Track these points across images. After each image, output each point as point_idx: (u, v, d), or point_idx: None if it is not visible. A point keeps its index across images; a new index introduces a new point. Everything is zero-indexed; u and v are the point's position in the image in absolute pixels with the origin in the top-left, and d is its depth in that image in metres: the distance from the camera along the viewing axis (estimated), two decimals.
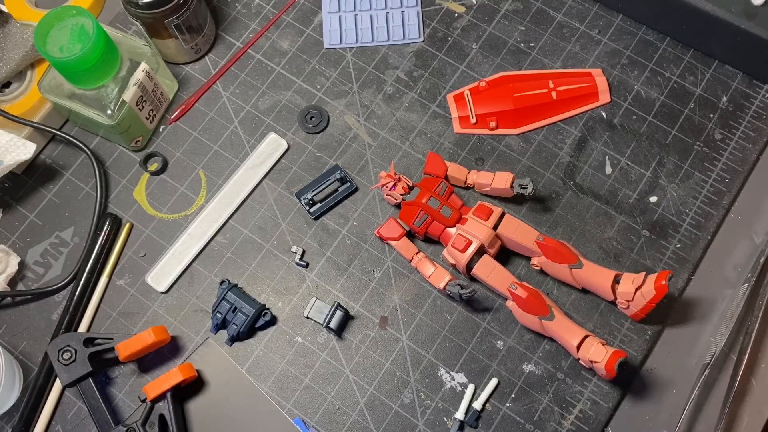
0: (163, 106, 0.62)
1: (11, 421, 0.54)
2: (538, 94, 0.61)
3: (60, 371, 0.53)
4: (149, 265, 0.59)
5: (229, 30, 0.66)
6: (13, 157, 0.57)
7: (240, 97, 0.63)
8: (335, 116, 0.62)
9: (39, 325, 0.57)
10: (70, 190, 0.61)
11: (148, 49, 0.59)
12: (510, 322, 0.55)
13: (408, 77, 0.63)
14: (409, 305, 0.57)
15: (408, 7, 0.65)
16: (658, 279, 0.50)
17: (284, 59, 0.65)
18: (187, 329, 0.57)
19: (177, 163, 0.62)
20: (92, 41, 0.52)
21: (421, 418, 0.54)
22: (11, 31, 0.59)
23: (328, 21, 0.65)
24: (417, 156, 0.61)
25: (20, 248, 0.60)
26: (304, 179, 0.61)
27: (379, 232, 0.56)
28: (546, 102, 0.60)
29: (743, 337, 0.53)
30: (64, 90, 0.57)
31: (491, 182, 0.56)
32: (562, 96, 0.61)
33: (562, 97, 0.61)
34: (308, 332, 0.56)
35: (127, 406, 0.55)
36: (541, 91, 0.61)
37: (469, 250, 0.53)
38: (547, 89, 0.61)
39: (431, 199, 0.55)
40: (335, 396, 0.55)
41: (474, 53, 0.64)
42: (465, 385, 0.54)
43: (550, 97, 0.60)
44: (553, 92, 0.61)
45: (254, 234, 0.59)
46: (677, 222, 0.58)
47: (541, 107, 0.61)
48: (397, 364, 0.55)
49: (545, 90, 0.61)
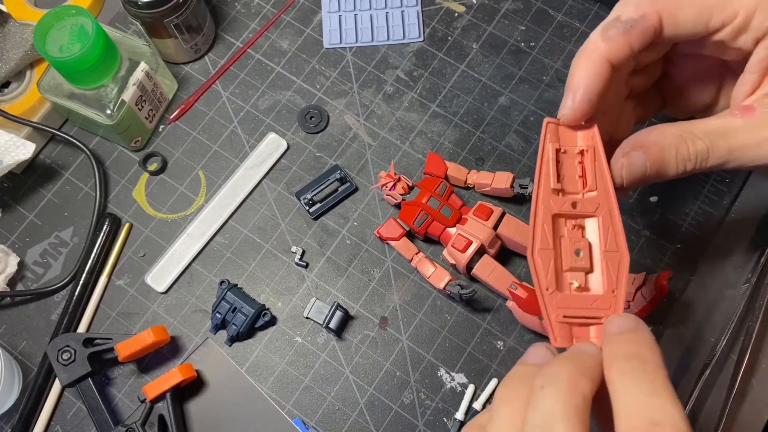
0: (162, 106, 0.62)
1: (11, 421, 0.54)
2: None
3: (59, 371, 0.53)
4: (149, 265, 0.59)
5: (228, 30, 0.66)
6: (12, 157, 0.57)
7: (240, 97, 0.63)
8: (335, 116, 0.62)
9: (38, 325, 0.57)
10: (69, 190, 0.61)
11: (148, 48, 0.59)
12: (510, 322, 0.55)
13: (408, 77, 0.63)
14: (409, 305, 0.56)
15: (408, 7, 0.65)
16: (659, 279, 0.50)
17: (284, 59, 0.64)
18: (186, 329, 0.57)
19: (176, 163, 0.62)
20: (92, 41, 0.52)
21: (421, 419, 0.54)
22: (11, 30, 0.59)
23: (328, 21, 0.65)
24: (417, 156, 0.61)
25: (20, 248, 0.59)
26: (303, 179, 0.61)
27: (379, 232, 0.56)
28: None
29: (743, 337, 0.53)
30: (63, 90, 0.56)
31: (491, 182, 0.56)
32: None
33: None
34: (308, 332, 0.56)
35: (126, 406, 0.55)
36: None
37: (469, 250, 0.53)
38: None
39: (431, 199, 0.55)
40: (335, 396, 0.54)
41: (474, 53, 0.64)
42: (465, 386, 0.54)
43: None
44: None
45: (254, 234, 0.59)
46: (677, 222, 0.58)
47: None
48: (397, 364, 0.55)
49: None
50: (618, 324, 0.32)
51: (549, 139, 0.40)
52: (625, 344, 0.31)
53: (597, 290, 0.38)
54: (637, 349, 0.30)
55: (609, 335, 0.32)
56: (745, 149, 0.38)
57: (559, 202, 0.39)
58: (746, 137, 0.38)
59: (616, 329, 0.32)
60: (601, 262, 0.38)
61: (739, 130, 0.39)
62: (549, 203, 0.39)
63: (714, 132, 0.39)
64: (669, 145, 0.39)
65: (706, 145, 0.38)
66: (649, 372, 0.29)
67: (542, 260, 0.38)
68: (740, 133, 0.38)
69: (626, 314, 0.33)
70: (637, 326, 0.32)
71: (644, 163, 0.39)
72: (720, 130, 0.39)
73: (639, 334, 0.31)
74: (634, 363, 0.29)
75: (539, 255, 0.38)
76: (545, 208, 0.38)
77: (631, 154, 0.39)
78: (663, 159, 0.39)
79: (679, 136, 0.39)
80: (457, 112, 0.62)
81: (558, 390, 0.29)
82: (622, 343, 0.31)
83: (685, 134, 0.39)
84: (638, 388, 0.28)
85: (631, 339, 0.31)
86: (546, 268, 0.38)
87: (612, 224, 0.38)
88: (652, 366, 0.29)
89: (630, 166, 0.39)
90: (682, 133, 0.39)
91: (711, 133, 0.39)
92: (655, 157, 0.39)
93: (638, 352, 0.30)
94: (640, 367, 0.29)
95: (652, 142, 0.39)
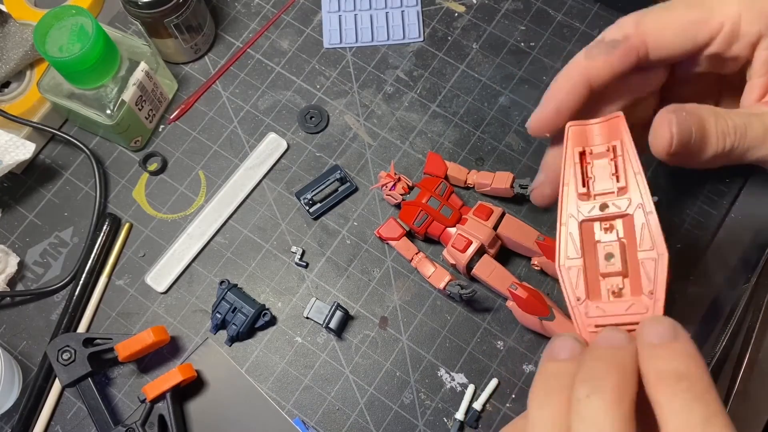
0: (162, 106, 0.62)
1: (10, 421, 0.54)
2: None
3: (59, 371, 0.53)
4: (149, 265, 0.59)
5: (228, 29, 0.66)
6: (12, 157, 0.57)
7: (239, 97, 0.63)
8: (335, 116, 0.62)
9: (38, 326, 0.57)
10: (69, 190, 0.61)
11: (148, 48, 0.59)
12: (510, 322, 0.55)
13: (408, 77, 0.63)
14: (409, 305, 0.56)
15: (408, 7, 0.65)
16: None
17: (284, 59, 0.64)
18: (186, 329, 0.57)
19: (176, 163, 0.62)
20: (91, 41, 0.52)
21: (421, 419, 0.54)
22: (10, 30, 0.59)
23: (328, 20, 0.65)
24: (417, 156, 0.61)
25: (19, 248, 0.59)
26: (303, 179, 0.61)
27: (379, 232, 0.56)
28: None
29: (743, 337, 0.53)
30: (63, 90, 0.56)
31: (491, 182, 0.56)
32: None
33: None
34: (308, 332, 0.56)
35: (126, 406, 0.55)
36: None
37: (469, 250, 0.53)
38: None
39: (431, 199, 0.55)
40: (335, 396, 0.54)
41: (474, 53, 0.64)
42: (465, 386, 0.54)
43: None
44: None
45: (254, 234, 0.59)
46: (677, 222, 0.58)
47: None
48: (397, 364, 0.55)
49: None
50: (657, 332, 0.30)
51: (572, 143, 0.38)
52: (669, 360, 0.28)
53: (633, 294, 0.35)
54: (685, 366, 0.28)
55: (648, 345, 0.29)
56: None
57: (587, 207, 0.37)
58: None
59: (655, 338, 0.29)
60: (636, 264, 0.35)
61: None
62: (575, 209, 0.37)
63: (747, 113, 0.37)
64: (708, 116, 0.36)
65: (743, 121, 0.36)
66: (700, 394, 0.27)
67: (570, 271, 0.35)
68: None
69: (663, 318, 0.31)
70: (677, 334, 0.29)
71: (691, 125, 0.35)
72: (752, 112, 0.37)
73: (682, 345, 0.29)
74: (683, 384, 0.27)
75: (566, 265, 0.36)
76: (571, 216, 0.37)
77: (679, 113, 0.35)
78: (704, 129, 0.35)
79: (716, 111, 0.36)
80: (457, 112, 0.62)
81: (605, 400, 0.27)
82: (667, 358, 0.28)
83: (720, 111, 0.37)
84: (691, 415, 0.26)
85: (676, 352, 0.28)
86: (575, 278, 0.35)
87: (646, 221, 0.35)
88: (702, 386, 0.27)
89: (679, 122, 0.35)
90: (717, 110, 0.37)
91: (744, 114, 0.37)
92: (698, 124, 0.35)
93: (687, 370, 0.28)
94: (690, 389, 0.27)
95: (691, 110, 0.36)
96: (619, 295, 0.35)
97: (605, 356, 0.29)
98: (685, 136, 0.35)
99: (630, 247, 0.36)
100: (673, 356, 0.28)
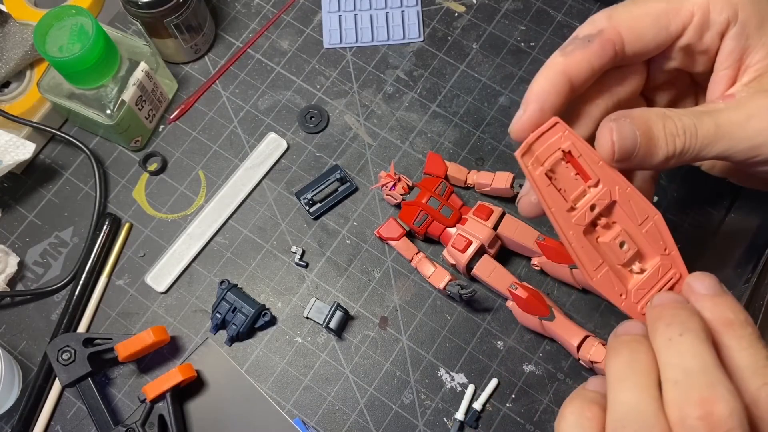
0: (162, 106, 0.62)
1: (10, 421, 0.54)
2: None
3: (59, 371, 0.53)
4: (149, 265, 0.59)
5: (228, 29, 0.66)
6: (12, 157, 0.57)
7: (239, 97, 0.63)
8: (335, 116, 0.62)
9: (38, 325, 0.57)
10: (69, 190, 0.61)
11: (148, 48, 0.59)
12: (510, 322, 0.55)
13: (408, 77, 0.63)
14: (409, 305, 0.56)
15: (408, 7, 0.65)
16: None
17: (284, 59, 0.64)
18: (186, 329, 0.57)
19: (176, 163, 0.62)
20: (91, 41, 0.52)
21: (421, 419, 0.54)
22: (10, 30, 0.59)
23: (328, 20, 0.65)
24: (417, 156, 0.61)
25: (19, 248, 0.59)
26: (303, 179, 0.61)
27: (379, 232, 0.56)
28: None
29: None
30: (63, 90, 0.56)
31: (491, 182, 0.56)
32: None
33: None
34: (308, 332, 0.56)
35: (126, 406, 0.55)
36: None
37: (469, 250, 0.53)
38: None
39: (431, 199, 0.55)
40: (335, 396, 0.54)
41: (474, 53, 0.64)
42: (465, 386, 0.54)
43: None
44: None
45: (254, 234, 0.59)
46: (678, 222, 0.58)
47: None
48: (397, 364, 0.55)
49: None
50: (704, 284, 0.35)
51: (532, 169, 0.37)
52: (729, 310, 0.33)
53: (654, 264, 0.38)
54: (744, 315, 0.33)
55: (702, 296, 0.34)
56: (732, 126, 0.37)
57: (580, 217, 0.38)
58: (731, 115, 0.37)
59: (704, 289, 0.34)
60: (643, 237, 0.38)
61: (722, 110, 0.38)
62: (572, 226, 0.38)
63: (698, 111, 0.38)
64: (655, 119, 0.37)
65: (693, 121, 0.37)
66: (757, 338, 0.32)
67: (602, 280, 0.37)
68: (724, 112, 0.38)
69: (704, 273, 0.35)
70: (724, 289, 0.34)
71: (634, 131, 0.36)
72: (703, 110, 0.38)
73: (732, 299, 0.34)
74: (747, 329, 0.32)
75: (597, 278, 0.38)
76: (572, 233, 0.38)
77: (620, 120, 0.36)
78: (651, 133, 0.36)
79: (664, 114, 0.37)
80: (457, 112, 0.62)
81: (699, 336, 0.31)
82: (726, 308, 0.33)
83: (669, 112, 0.37)
84: (757, 352, 0.32)
85: (731, 304, 0.33)
86: (608, 282, 0.38)
87: (629, 196, 0.38)
88: (757, 332, 0.32)
89: (620, 130, 0.36)
90: (666, 111, 0.37)
91: (695, 112, 0.38)
92: (643, 129, 0.36)
93: (747, 319, 0.33)
94: (753, 333, 0.32)
95: (637, 115, 0.37)
96: (643, 270, 0.38)
97: (680, 306, 0.33)
98: (627, 143, 0.36)
99: (631, 227, 0.38)
100: (731, 307, 0.33)
